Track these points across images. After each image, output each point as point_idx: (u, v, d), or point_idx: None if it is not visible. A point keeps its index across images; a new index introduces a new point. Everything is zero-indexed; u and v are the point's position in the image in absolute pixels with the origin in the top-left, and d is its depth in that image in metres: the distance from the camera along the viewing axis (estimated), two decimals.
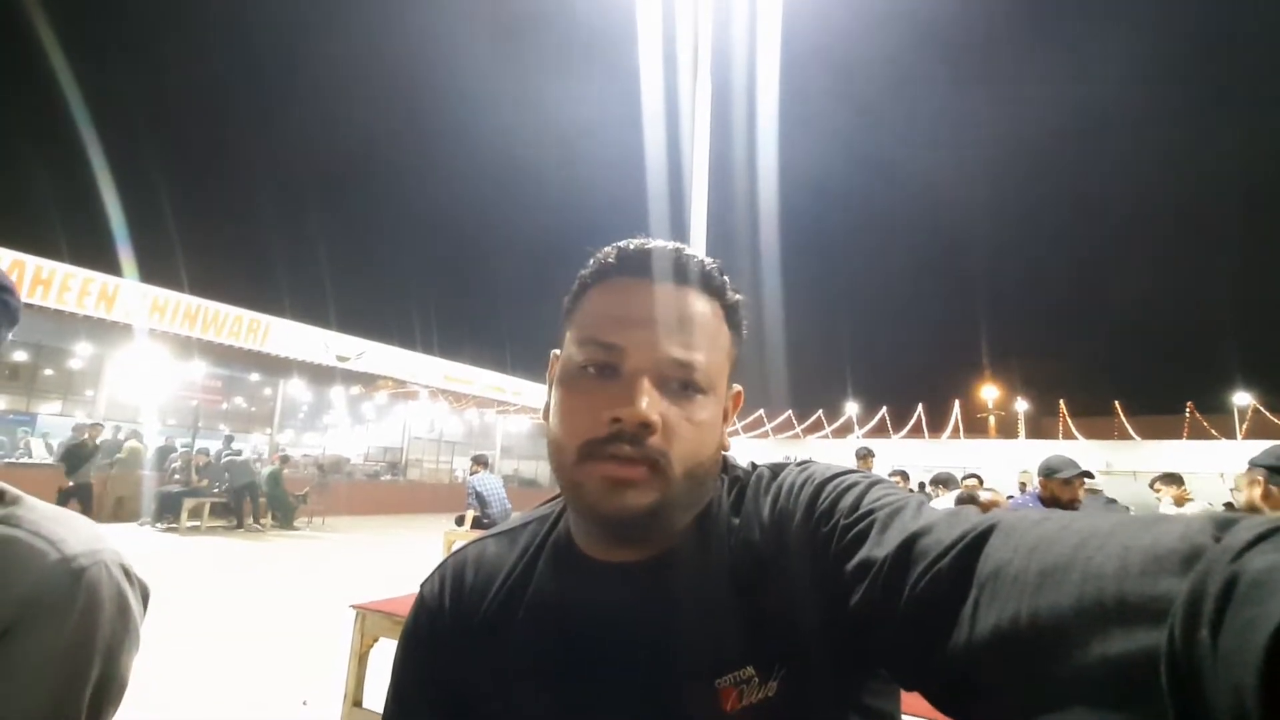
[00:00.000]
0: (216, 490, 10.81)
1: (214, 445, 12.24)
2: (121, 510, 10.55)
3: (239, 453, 12.00)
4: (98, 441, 9.52)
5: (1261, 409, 24.08)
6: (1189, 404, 25.09)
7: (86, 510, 8.44)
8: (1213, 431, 23.45)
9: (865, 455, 7.05)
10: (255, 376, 16.60)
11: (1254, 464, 2.29)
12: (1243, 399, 25.28)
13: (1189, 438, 23.81)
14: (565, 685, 0.53)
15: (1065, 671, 0.28)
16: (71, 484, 9.03)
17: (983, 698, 0.34)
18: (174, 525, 10.21)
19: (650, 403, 0.49)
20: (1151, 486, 5.83)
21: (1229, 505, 8.16)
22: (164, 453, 11.72)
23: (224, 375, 16.12)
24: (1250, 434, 23.27)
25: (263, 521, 11.29)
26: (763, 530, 0.53)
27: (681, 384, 0.52)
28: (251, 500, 11.11)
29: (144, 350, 12.14)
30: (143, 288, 11.13)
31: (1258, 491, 2.25)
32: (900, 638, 0.40)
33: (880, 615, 0.41)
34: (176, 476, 10.95)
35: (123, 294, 10.83)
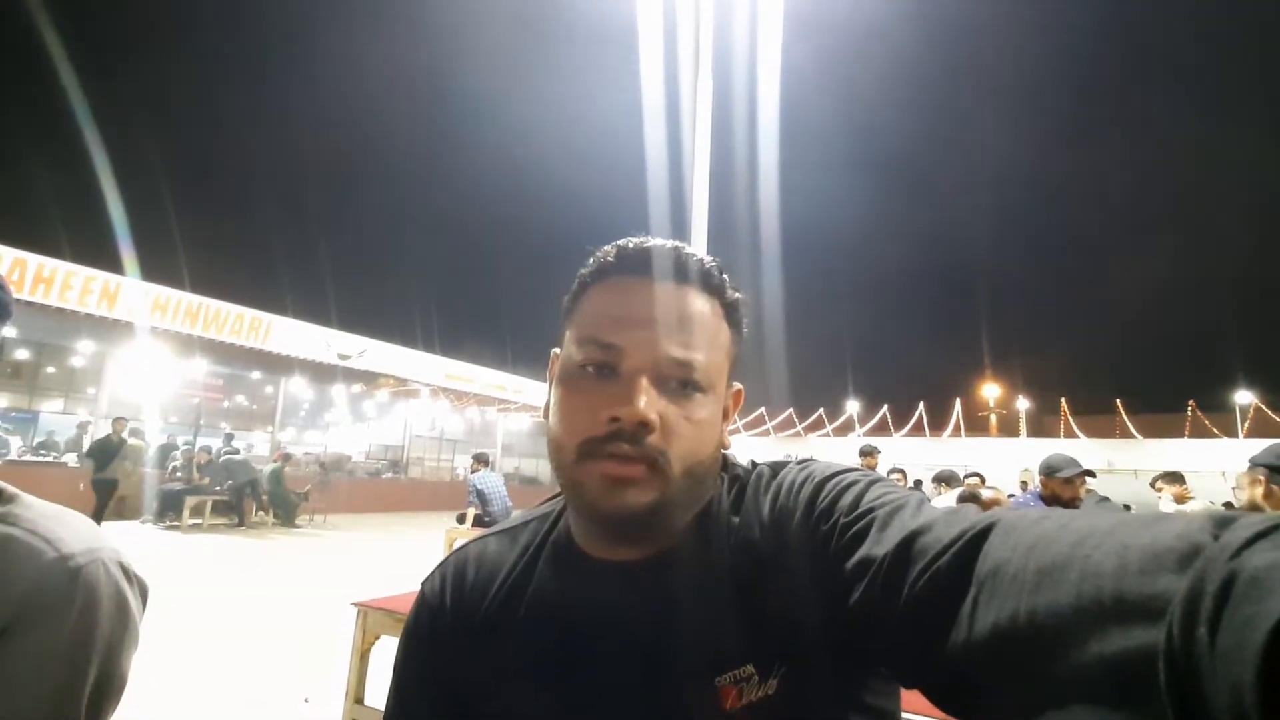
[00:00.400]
0: (218, 489, 10.83)
1: (215, 443, 12.27)
2: (123, 508, 10.57)
3: (238, 451, 12.03)
4: (123, 435, 9.19)
5: (1263, 407, 24.03)
6: (1190, 402, 25.06)
7: (104, 504, 8.25)
8: (1214, 430, 23.42)
9: (870, 453, 7.02)
10: (257, 374, 16.61)
11: (1255, 463, 2.30)
12: (1244, 397, 25.24)
13: (1191, 436, 23.79)
14: (566, 684, 0.53)
15: (1064, 670, 0.28)
16: (99, 479, 8.62)
17: (982, 696, 0.35)
18: (176, 523, 10.23)
19: (648, 402, 0.50)
20: (1153, 485, 5.83)
21: (1228, 504, 8.16)
22: (165, 450, 11.73)
23: (225, 373, 16.12)
24: (1252, 432, 23.24)
25: (263, 515, 11.33)
26: (763, 529, 0.53)
27: (680, 383, 0.52)
28: (253, 497, 11.14)
29: (145, 348, 12.16)
30: (144, 286, 11.14)
31: (1259, 490, 2.25)
32: (900, 636, 0.40)
33: (880, 613, 0.41)
34: (178, 474, 10.98)
35: (124, 292, 10.84)
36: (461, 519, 7.09)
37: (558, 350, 0.58)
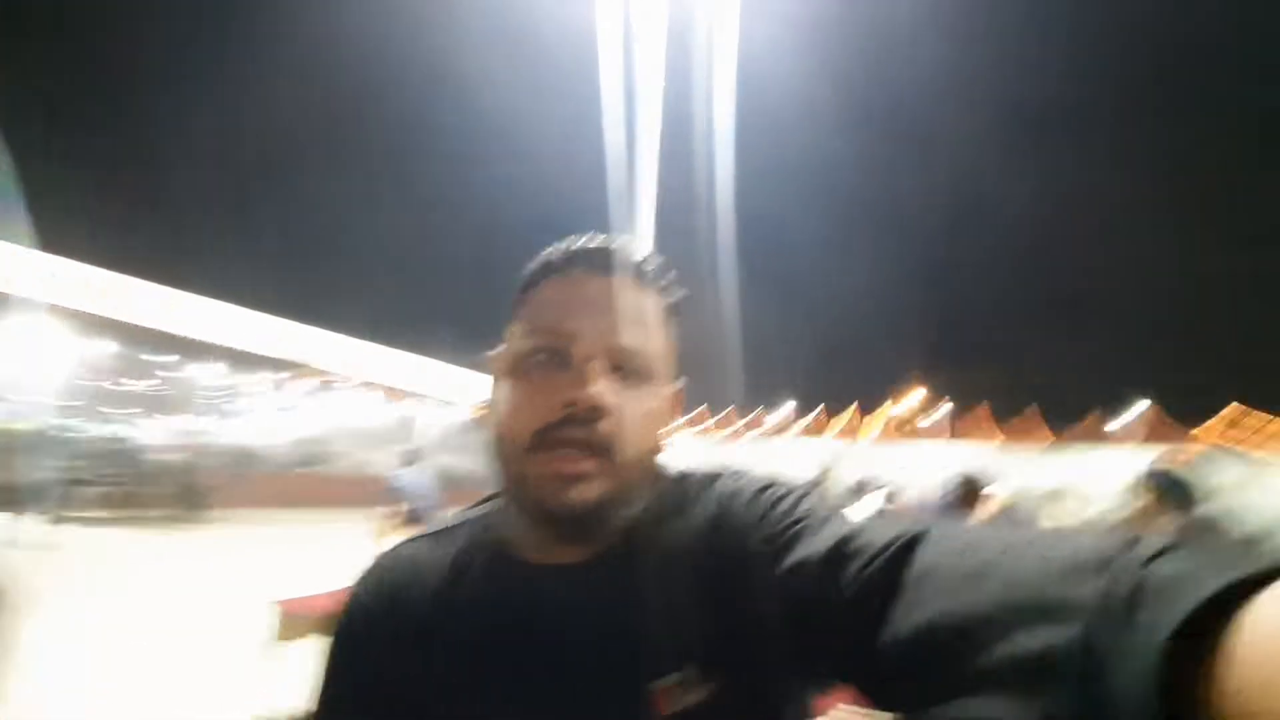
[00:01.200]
0: (118, 479, 10.16)
1: (115, 430, 11.48)
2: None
3: (137, 438, 11.33)
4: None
5: (1162, 415, 25.79)
6: (1094, 413, 26.67)
7: None
8: (1111, 440, 25.14)
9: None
10: (165, 358, 15.58)
11: (1140, 477, 2.53)
12: (1139, 406, 27.07)
13: (1092, 445, 25.39)
14: (499, 690, 0.52)
15: (986, 663, 0.31)
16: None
17: (911, 689, 0.37)
18: (66, 515, 9.51)
19: (601, 387, 0.51)
20: (1050, 497, 6.27)
21: (1115, 516, 8.85)
22: (55, 437, 10.84)
23: (128, 355, 15.04)
24: (1148, 441, 25.01)
25: (166, 508, 10.69)
26: (699, 534, 0.54)
27: (629, 372, 0.53)
28: (154, 488, 10.51)
29: (36, 325, 11.20)
30: (40, 256, 10.29)
31: (1143, 504, 2.48)
32: (834, 636, 0.42)
33: (815, 615, 0.43)
34: (73, 463, 10.20)
35: (14, 262, 9.98)
36: (386, 517, 6.88)
37: (497, 350, 0.59)
